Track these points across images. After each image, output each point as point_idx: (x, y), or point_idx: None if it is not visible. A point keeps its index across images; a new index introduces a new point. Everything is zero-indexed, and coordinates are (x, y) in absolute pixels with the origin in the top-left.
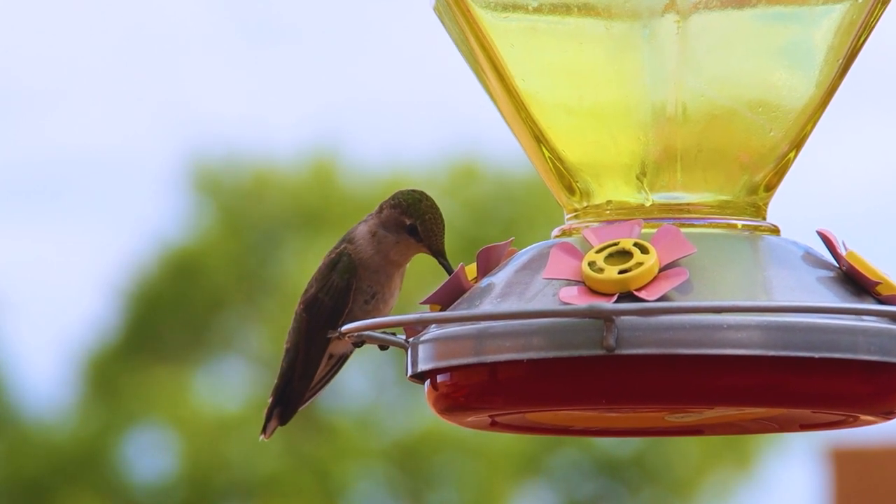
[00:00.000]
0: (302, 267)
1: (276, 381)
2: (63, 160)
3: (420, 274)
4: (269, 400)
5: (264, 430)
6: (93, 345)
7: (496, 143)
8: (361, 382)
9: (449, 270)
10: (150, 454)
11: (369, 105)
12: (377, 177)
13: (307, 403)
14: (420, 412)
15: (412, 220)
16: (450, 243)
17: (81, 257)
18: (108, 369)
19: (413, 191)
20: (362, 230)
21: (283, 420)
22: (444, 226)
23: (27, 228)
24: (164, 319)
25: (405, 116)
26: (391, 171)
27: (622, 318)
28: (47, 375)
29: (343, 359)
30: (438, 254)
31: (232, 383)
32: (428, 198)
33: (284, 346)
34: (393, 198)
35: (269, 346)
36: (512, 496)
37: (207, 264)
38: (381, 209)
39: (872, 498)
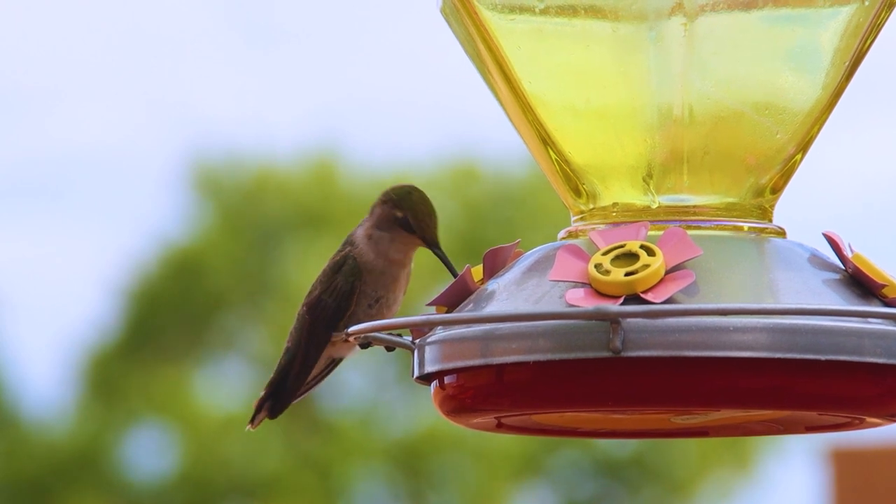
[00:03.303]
0: (302, 267)
1: (272, 375)
2: (63, 160)
3: (424, 275)
4: (262, 392)
5: (252, 421)
6: (93, 345)
7: (496, 143)
8: (362, 382)
9: (446, 261)
10: (150, 454)
11: (369, 105)
12: (377, 177)
13: (297, 400)
14: (421, 412)
15: (403, 212)
16: (450, 244)
17: (81, 257)
18: (108, 369)
19: (403, 185)
20: (359, 234)
21: (273, 414)
22: (436, 217)
23: (27, 228)
24: (164, 319)
25: (405, 116)
26: (391, 171)
27: (628, 320)
28: (47, 375)
29: (339, 361)
30: (433, 244)
31: (232, 383)
32: (418, 190)
33: (286, 344)
34: (383, 195)
35: (270, 346)
36: (512, 496)
37: (207, 264)
38: (372, 211)
39: (872, 498)
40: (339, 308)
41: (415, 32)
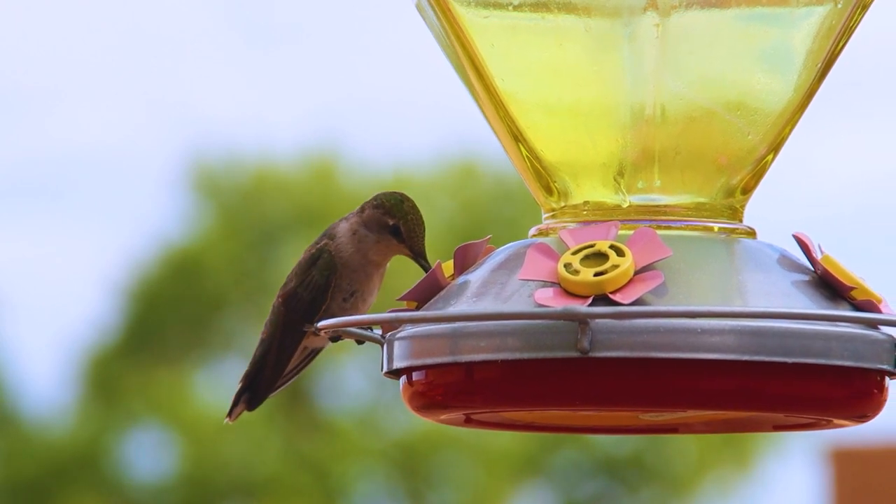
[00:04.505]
0: None
1: (247, 367)
2: (63, 160)
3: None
4: (239, 385)
5: (230, 414)
6: (93, 345)
7: (495, 143)
8: (361, 382)
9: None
10: (149, 454)
11: (369, 105)
12: (377, 177)
13: (276, 392)
14: None
15: (395, 220)
16: (450, 244)
17: (81, 257)
18: (108, 369)
19: (395, 193)
20: (343, 227)
21: (251, 406)
22: (424, 228)
23: (27, 228)
24: (164, 319)
25: (405, 116)
26: (391, 171)
27: (597, 320)
28: (47, 375)
29: (316, 351)
30: (419, 255)
31: (232, 383)
32: (409, 199)
33: (260, 335)
34: (375, 198)
35: None
36: (511, 496)
37: (207, 264)
38: (362, 209)
39: (872, 498)
40: (314, 301)
41: (415, 32)
